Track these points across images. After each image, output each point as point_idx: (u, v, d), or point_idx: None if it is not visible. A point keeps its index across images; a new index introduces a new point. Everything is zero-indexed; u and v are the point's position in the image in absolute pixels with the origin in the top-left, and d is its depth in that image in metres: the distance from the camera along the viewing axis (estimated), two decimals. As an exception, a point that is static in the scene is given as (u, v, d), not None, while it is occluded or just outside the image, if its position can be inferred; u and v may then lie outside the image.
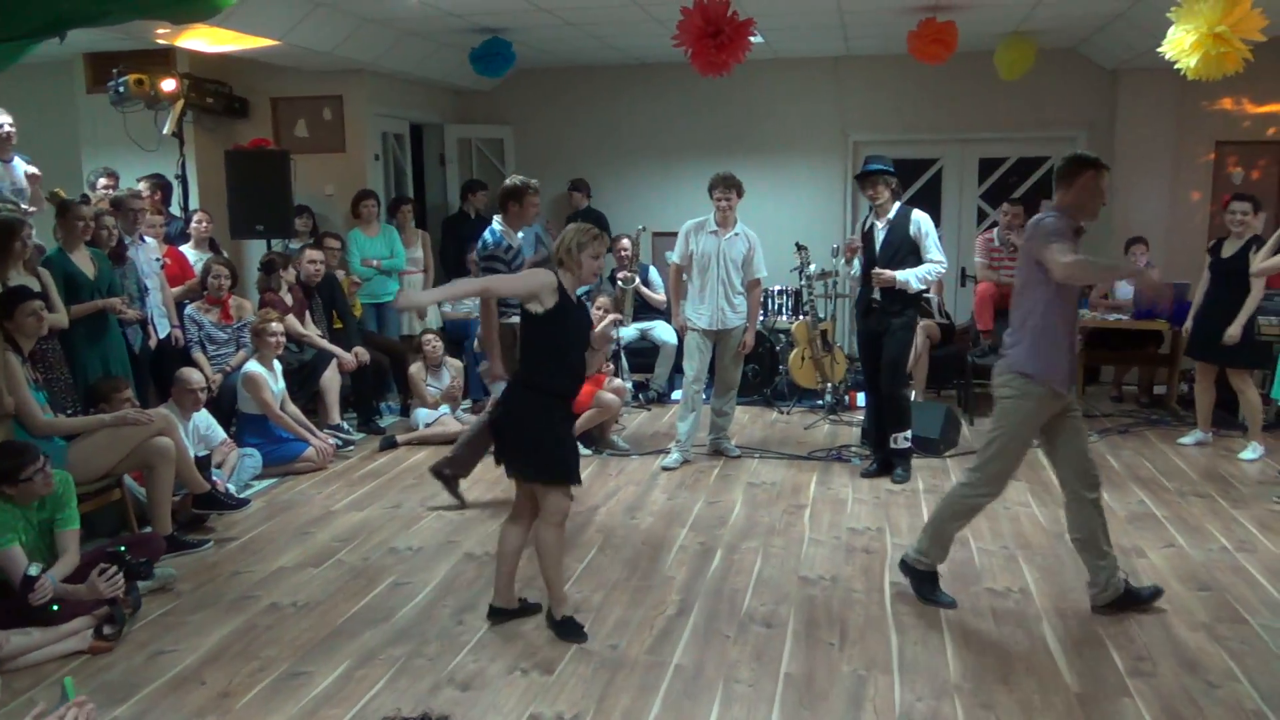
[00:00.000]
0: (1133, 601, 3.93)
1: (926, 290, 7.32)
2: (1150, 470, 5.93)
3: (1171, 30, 4.93)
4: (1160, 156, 8.15)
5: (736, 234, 6.03)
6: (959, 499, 4.01)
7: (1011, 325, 3.90)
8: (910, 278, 5.50)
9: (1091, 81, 8.40)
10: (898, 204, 5.64)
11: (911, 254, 5.55)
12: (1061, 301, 3.75)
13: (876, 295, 5.62)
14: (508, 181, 5.58)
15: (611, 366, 7.04)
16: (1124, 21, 6.97)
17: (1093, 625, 3.84)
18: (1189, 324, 6.48)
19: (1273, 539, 4.75)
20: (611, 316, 4.59)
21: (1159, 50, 5.10)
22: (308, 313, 6.87)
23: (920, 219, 5.57)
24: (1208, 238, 8.25)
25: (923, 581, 4.07)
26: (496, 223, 5.55)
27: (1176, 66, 5.00)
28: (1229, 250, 6.18)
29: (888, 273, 5.49)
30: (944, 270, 5.70)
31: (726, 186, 5.94)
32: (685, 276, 6.16)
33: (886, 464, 5.85)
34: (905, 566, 4.13)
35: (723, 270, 5.99)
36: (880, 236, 5.63)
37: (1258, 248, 6.05)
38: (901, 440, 5.72)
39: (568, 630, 3.77)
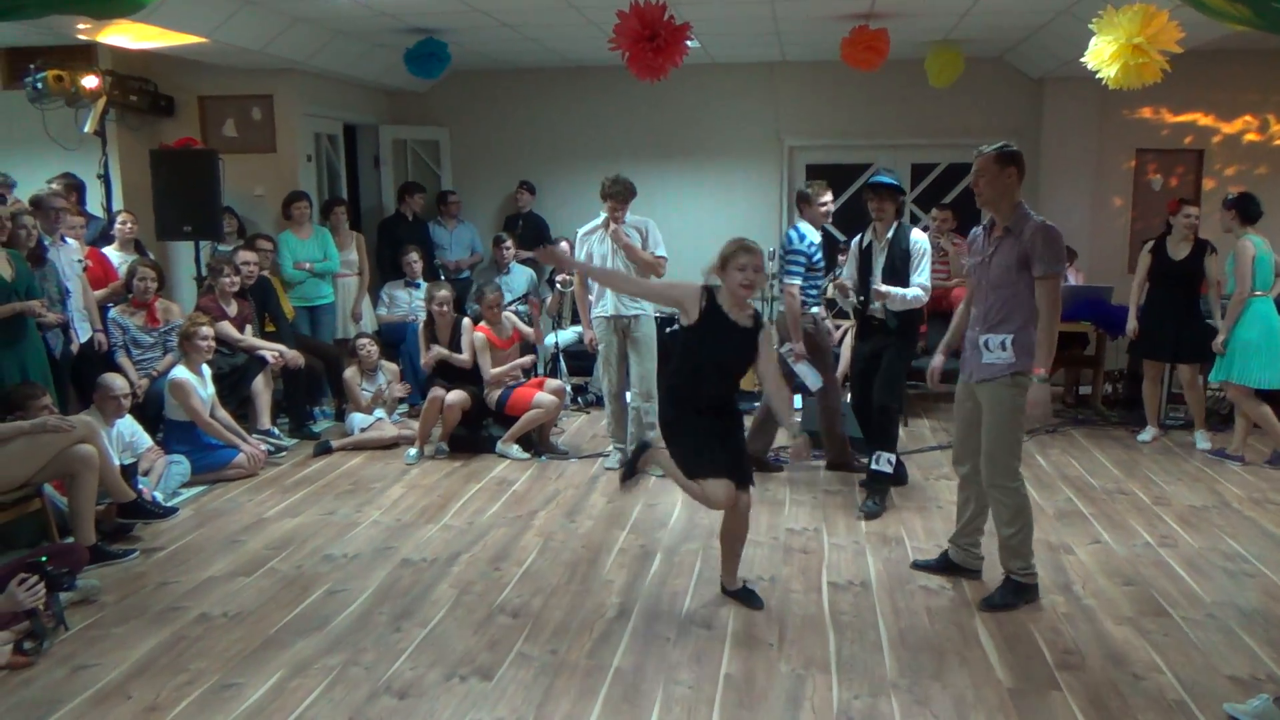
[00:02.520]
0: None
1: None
2: (1077, 469, 6.09)
3: (1093, 41, 5.07)
4: (1083, 163, 8.39)
5: (626, 226, 5.90)
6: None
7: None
8: (901, 294, 5.17)
9: (1018, 90, 8.61)
10: (895, 222, 5.31)
11: (906, 270, 5.25)
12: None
13: (878, 312, 5.28)
14: (802, 187, 5.97)
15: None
16: (1048, 32, 7.16)
17: (1024, 621, 3.93)
18: (1134, 325, 6.59)
19: (1192, 534, 4.92)
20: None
21: (1081, 60, 5.25)
22: (249, 326, 6.72)
23: (920, 240, 5.30)
24: (1129, 242, 8.54)
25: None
26: (800, 222, 5.83)
27: (1098, 76, 5.14)
28: (1179, 253, 6.40)
29: (884, 287, 5.18)
30: (925, 299, 5.28)
31: (622, 199, 5.78)
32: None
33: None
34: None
35: (616, 264, 5.83)
36: (880, 258, 5.29)
37: (1212, 251, 6.38)
38: (884, 462, 5.25)
39: (742, 597, 4.13)
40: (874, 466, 5.28)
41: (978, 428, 4.08)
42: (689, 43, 5.50)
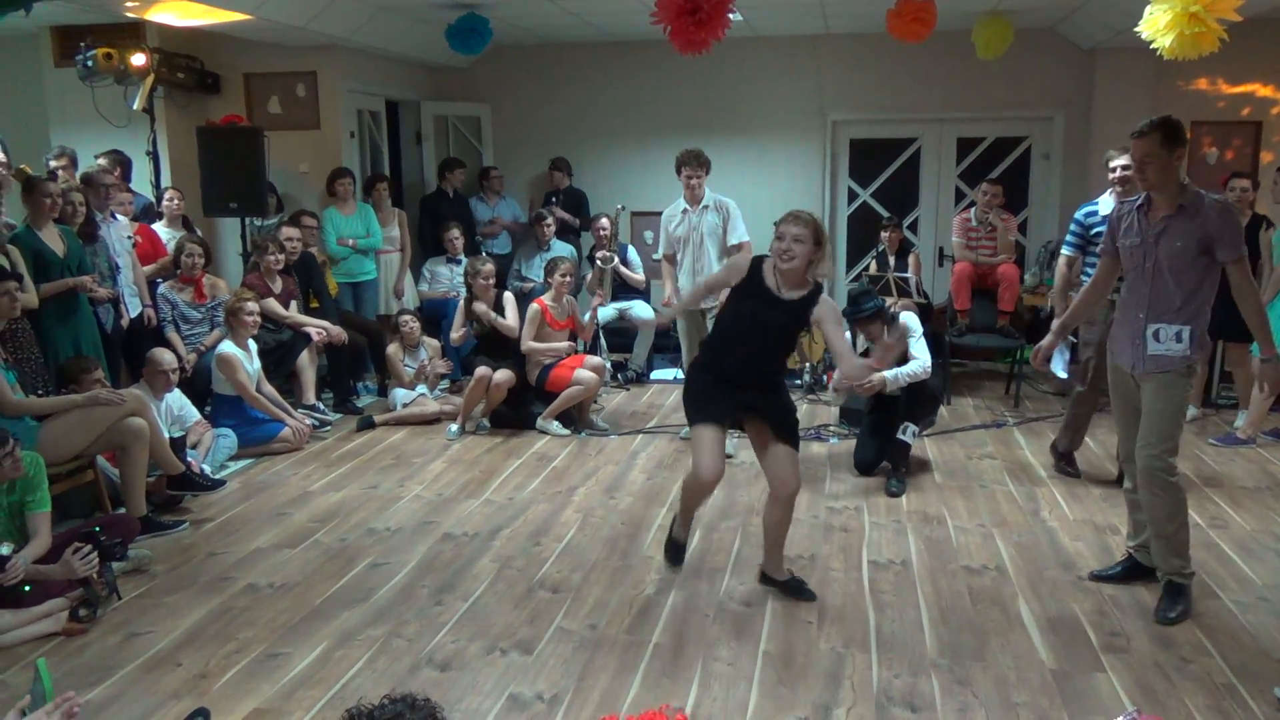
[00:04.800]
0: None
1: (906, 271, 7.37)
2: (1124, 448, 5.98)
3: (1148, 10, 4.93)
4: (1136, 136, 8.18)
5: (705, 206, 5.93)
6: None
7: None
8: (897, 374, 5.18)
9: (1069, 61, 8.41)
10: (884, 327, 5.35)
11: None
12: None
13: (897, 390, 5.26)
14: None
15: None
16: (1101, 1, 6.98)
17: (1067, 602, 3.88)
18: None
19: (1244, 515, 4.82)
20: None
21: (1135, 30, 5.10)
22: (294, 302, 6.80)
23: (908, 317, 5.38)
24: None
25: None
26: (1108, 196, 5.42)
27: (1153, 46, 4.99)
28: None
29: (889, 374, 5.12)
30: (929, 369, 5.27)
31: (696, 165, 5.84)
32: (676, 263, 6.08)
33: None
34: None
35: (696, 247, 5.91)
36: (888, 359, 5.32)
37: (1267, 226, 6.21)
38: (910, 434, 5.26)
39: (791, 589, 3.97)
40: (899, 436, 5.26)
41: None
42: (731, 16, 5.43)
